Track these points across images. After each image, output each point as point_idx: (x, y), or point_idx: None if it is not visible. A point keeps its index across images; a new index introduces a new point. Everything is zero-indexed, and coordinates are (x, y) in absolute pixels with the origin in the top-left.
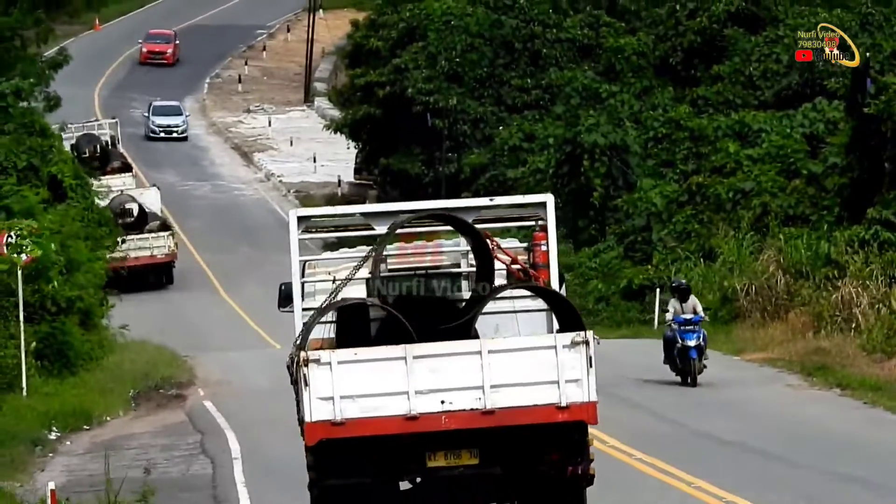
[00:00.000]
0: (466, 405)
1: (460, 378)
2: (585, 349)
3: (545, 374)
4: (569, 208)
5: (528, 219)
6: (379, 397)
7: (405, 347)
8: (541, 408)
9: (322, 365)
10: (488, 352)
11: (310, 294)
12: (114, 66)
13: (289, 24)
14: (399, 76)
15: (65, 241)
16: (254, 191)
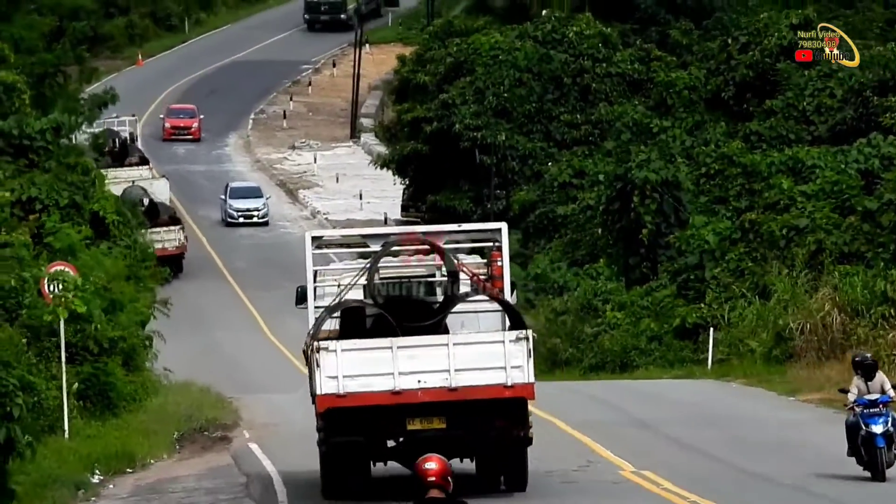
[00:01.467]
0: (437, 384)
1: (432, 363)
2: (526, 343)
3: (495, 361)
4: (619, 246)
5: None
6: (371, 377)
7: (391, 340)
8: (492, 387)
9: (330, 352)
10: (453, 344)
11: (320, 296)
12: (156, 103)
13: (334, 59)
14: (446, 111)
15: (108, 281)
16: (299, 228)
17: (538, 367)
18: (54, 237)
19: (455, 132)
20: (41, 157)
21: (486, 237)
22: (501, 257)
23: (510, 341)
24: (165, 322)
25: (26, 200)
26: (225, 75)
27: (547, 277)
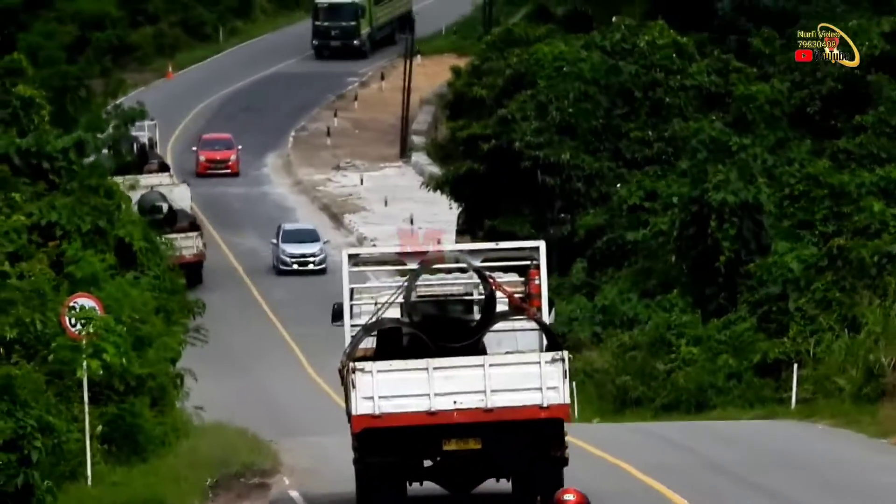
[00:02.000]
0: (472, 404)
1: (468, 384)
2: (562, 364)
3: (531, 382)
4: (695, 274)
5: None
6: (407, 398)
7: (427, 361)
8: (528, 407)
9: (365, 373)
10: (489, 365)
11: (357, 314)
12: (187, 120)
13: (383, 72)
14: (505, 128)
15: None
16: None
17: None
18: (76, 266)
19: (515, 150)
20: (62, 179)
21: (524, 255)
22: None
23: (546, 362)
24: (198, 359)
25: (45, 226)
26: (262, 89)
27: (615, 309)
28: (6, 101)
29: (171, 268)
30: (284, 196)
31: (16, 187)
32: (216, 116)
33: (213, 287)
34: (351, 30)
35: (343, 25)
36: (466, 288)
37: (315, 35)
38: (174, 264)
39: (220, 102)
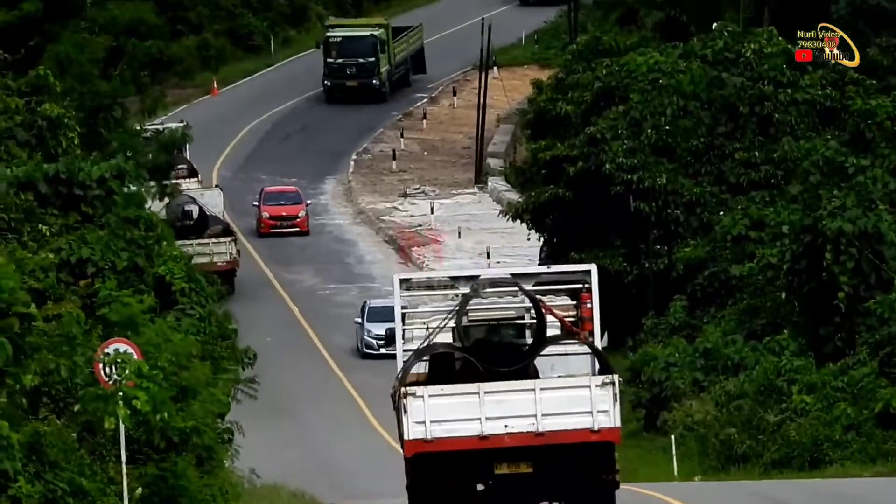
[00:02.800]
0: (524, 428)
1: (519, 408)
2: (612, 388)
3: (582, 406)
4: (808, 313)
5: (577, 282)
6: (459, 422)
7: (478, 385)
8: (579, 431)
9: (417, 397)
10: (540, 389)
11: (409, 339)
12: (235, 141)
13: (455, 86)
14: (594, 149)
15: (177, 362)
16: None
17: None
18: (110, 308)
19: (605, 174)
20: (97, 210)
21: (576, 279)
22: (591, 299)
23: (596, 386)
24: (247, 411)
25: (76, 263)
26: (319, 107)
27: (719, 353)
28: (31, 121)
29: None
30: (345, 227)
31: (43, 219)
32: (268, 138)
33: (266, 329)
34: (370, 67)
35: (360, 62)
36: (518, 312)
37: (327, 74)
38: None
39: (271, 121)
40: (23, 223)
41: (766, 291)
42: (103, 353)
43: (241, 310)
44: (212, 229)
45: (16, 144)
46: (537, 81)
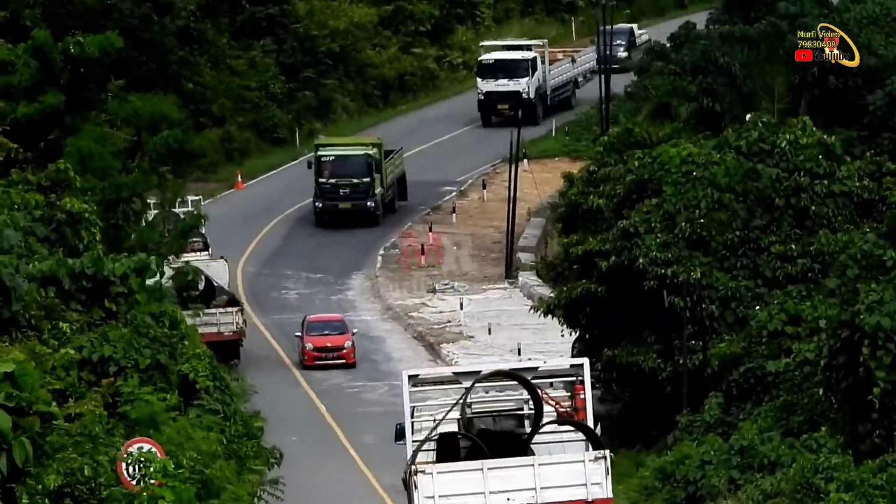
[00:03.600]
0: (524, 501)
1: (520, 482)
2: (604, 462)
3: (577, 479)
4: (846, 410)
5: (571, 375)
6: (465, 496)
7: (482, 462)
8: (575, 502)
9: (426, 474)
10: (538, 464)
11: (418, 430)
12: (261, 236)
13: (484, 179)
14: (627, 243)
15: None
16: (443, 392)
17: None
18: (132, 406)
19: (638, 268)
20: (121, 307)
21: (570, 372)
22: (584, 390)
23: (590, 460)
24: None
25: (98, 361)
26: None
27: (755, 451)
28: (51, 216)
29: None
30: (372, 324)
31: (64, 316)
32: (293, 233)
33: (291, 427)
34: (364, 189)
35: (355, 183)
36: (517, 403)
37: (318, 195)
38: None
39: (297, 216)
40: (43, 320)
41: (804, 388)
42: (126, 453)
43: (266, 408)
44: (218, 299)
45: (36, 240)
46: (568, 174)
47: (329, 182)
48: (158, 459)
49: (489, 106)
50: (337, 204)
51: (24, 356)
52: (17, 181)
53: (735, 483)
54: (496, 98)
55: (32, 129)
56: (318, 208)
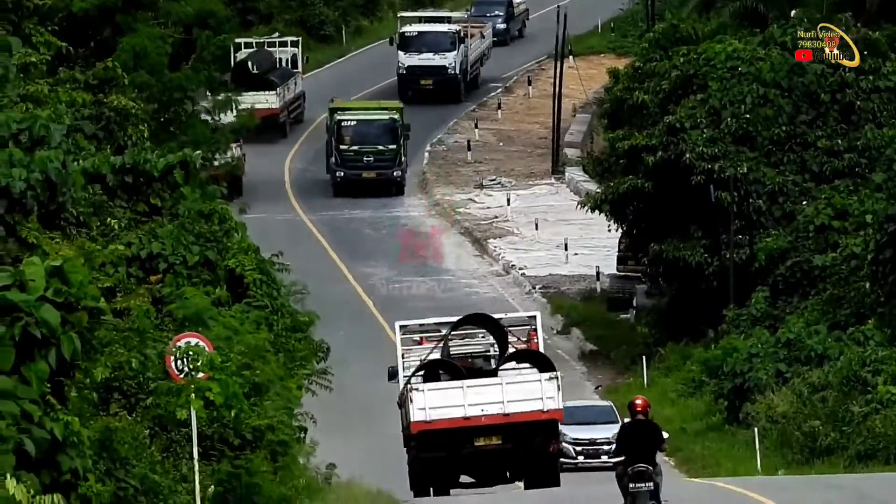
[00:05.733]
0: (495, 411)
1: (491, 397)
2: (556, 381)
3: (535, 394)
4: (893, 302)
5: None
6: (449, 408)
7: (462, 381)
8: (534, 412)
9: (419, 391)
10: (506, 383)
11: (407, 368)
12: (307, 133)
13: (530, 76)
14: (673, 138)
15: (248, 354)
16: (489, 288)
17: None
18: (180, 302)
19: (684, 164)
20: (165, 203)
21: (526, 322)
22: (537, 336)
23: (545, 380)
24: (321, 408)
25: (147, 257)
26: (393, 97)
27: (802, 344)
28: (99, 113)
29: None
30: (420, 220)
31: (112, 213)
32: None
33: (338, 324)
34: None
35: (380, 150)
36: (485, 347)
37: (339, 163)
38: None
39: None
40: (91, 217)
41: (850, 281)
42: (175, 347)
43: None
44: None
45: (83, 137)
46: (614, 70)
47: (351, 150)
48: (206, 353)
49: (410, 81)
50: (360, 173)
51: (72, 252)
52: (65, 80)
53: (782, 376)
54: (419, 73)
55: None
56: (339, 178)
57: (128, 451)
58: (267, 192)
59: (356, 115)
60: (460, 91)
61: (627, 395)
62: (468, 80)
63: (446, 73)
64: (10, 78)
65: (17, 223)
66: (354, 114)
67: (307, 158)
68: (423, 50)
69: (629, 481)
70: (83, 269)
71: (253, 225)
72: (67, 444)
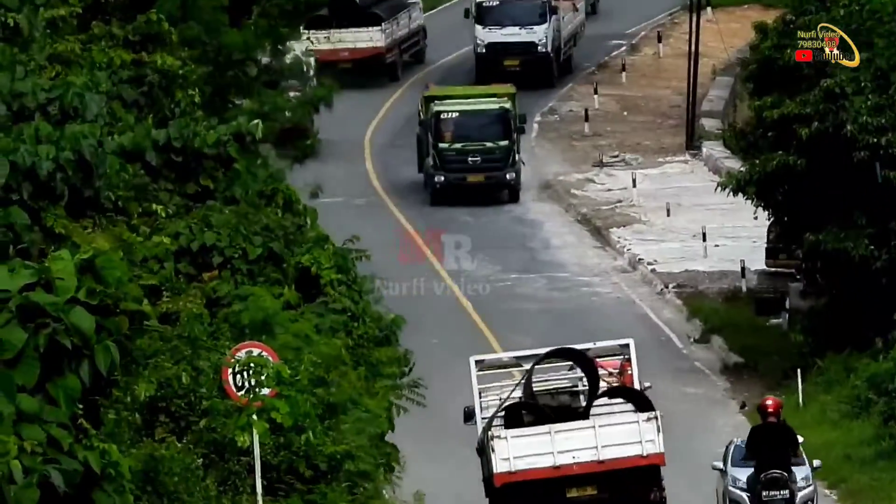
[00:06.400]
0: (587, 458)
1: (583, 442)
2: (656, 422)
3: (633, 437)
4: None
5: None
6: (536, 456)
7: (549, 426)
8: (631, 458)
9: (502, 439)
10: (599, 426)
11: (485, 408)
12: (392, 100)
13: (660, 31)
14: (832, 105)
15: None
16: (612, 287)
17: None
18: (240, 305)
19: (846, 136)
20: (219, 184)
21: (618, 352)
22: (631, 367)
23: (643, 420)
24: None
25: (199, 250)
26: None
27: None
28: (141, 75)
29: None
30: (527, 205)
31: (156, 197)
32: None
33: (432, 329)
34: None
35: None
36: (572, 381)
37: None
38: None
39: (430, 78)
40: (131, 202)
41: None
42: (233, 358)
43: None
44: None
45: (122, 106)
46: (761, 24)
47: (453, 148)
48: (272, 365)
49: (491, 61)
50: (465, 176)
51: (109, 245)
52: (100, 36)
53: None
54: (502, 51)
55: None
56: (439, 183)
57: (176, 485)
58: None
59: (458, 105)
60: (553, 73)
61: None
62: (560, 62)
63: (536, 50)
64: (36, 36)
65: (43, 210)
66: (456, 103)
67: (391, 131)
68: (507, 23)
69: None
70: (122, 265)
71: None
72: (104, 477)
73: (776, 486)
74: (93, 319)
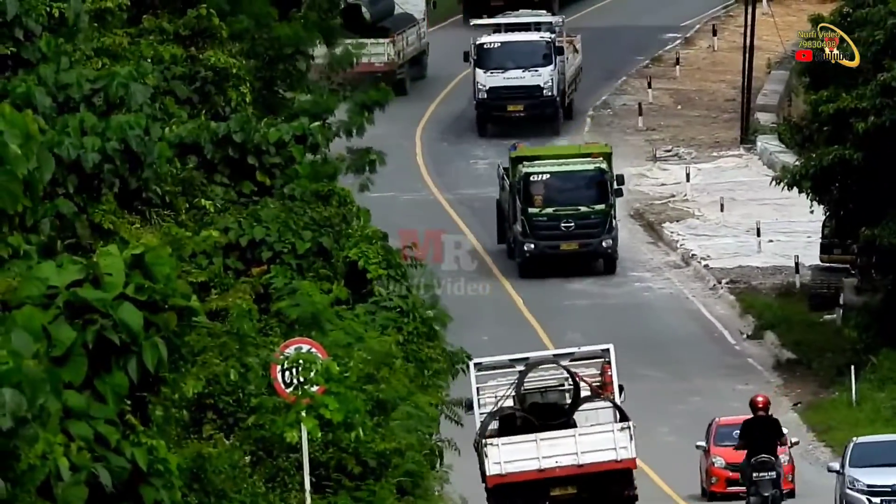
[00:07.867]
0: (569, 462)
1: (565, 448)
2: (629, 431)
3: (608, 444)
4: None
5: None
6: (524, 461)
7: (535, 435)
8: (607, 462)
9: (494, 445)
10: (579, 435)
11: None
12: (443, 94)
13: (714, 24)
14: (889, 100)
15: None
16: (665, 282)
17: None
18: (290, 301)
19: None
20: (276, 181)
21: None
22: (611, 369)
23: (617, 430)
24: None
25: (248, 245)
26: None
27: None
28: (193, 72)
29: None
30: None
31: (205, 192)
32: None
33: (482, 326)
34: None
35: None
36: (559, 381)
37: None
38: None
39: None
40: (180, 196)
41: None
42: (282, 355)
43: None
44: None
45: (174, 102)
46: (817, 18)
47: (544, 213)
48: (321, 362)
49: (493, 107)
50: (558, 244)
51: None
52: (150, 30)
53: None
54: (505, 96)
55: None
56: (528, 252)
57: (224, 482)
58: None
59: (549, 167)
60: (558, 119)
61: (832, 413)
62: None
63: (541, 94)
64: (82, 27)
65: (90, 204)
66: (547, 164)
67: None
68: (510, 66)
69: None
70: (170, 261)
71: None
72: (151, 474)
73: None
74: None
